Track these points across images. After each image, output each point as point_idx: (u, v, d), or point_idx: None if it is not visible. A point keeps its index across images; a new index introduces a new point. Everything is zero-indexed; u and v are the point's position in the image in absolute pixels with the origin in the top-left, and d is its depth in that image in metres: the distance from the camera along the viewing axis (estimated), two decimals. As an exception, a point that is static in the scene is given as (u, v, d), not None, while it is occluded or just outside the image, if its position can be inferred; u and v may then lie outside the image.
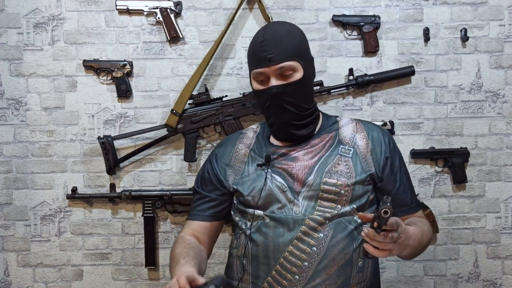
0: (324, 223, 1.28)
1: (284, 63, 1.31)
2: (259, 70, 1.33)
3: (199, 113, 1.84)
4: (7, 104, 1.88)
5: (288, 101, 1.33)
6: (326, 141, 1.38)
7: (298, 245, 1.27)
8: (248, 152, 1.42)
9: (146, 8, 1.86)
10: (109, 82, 1.88)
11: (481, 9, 1.88)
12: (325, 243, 1.27)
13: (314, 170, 1.33)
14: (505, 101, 1.90)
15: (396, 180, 1.38)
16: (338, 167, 1.33)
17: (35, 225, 1.90)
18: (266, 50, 1.31)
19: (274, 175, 1.34)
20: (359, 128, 1.41)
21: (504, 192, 1.92)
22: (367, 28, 1.86)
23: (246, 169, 1.39)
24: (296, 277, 1.27)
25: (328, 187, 1.30)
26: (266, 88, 1.34)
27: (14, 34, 1.87)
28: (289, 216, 1.29)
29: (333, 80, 1.88)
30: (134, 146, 1.88)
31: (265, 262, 1.30)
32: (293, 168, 1.34)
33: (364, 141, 1.38)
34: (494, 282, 1.93)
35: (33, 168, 1.89)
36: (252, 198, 1.33)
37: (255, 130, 1.48)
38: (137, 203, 1.89)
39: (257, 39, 1.35)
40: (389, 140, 1.40)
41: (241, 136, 1.47)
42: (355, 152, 1.36)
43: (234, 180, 1.39)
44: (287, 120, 1.35)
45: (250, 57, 1.39)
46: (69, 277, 1.91)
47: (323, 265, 1.26)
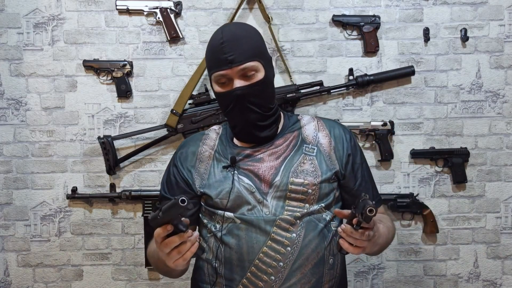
0: (295, 223, 1.28)
1: (246, 64, 1.29)
2: (220, 72, 1.30)
3: (199, 113, 1.84)
4: (7, 104, 1.88)
5: (253, 102, 1.32)
6: (290, 140, 1.38)
7: (273, 245, 1.27)
8: (212, 154, 1.39)
9: (146, 8, 1.86)
10: (109, 82, 1.88)
11: (481, 9, 1.88)
12: (299, 243, 1.27)
13: (280, 171, 1.32)
14: (505, 101, 1.90)
15: (357, 177, 1.39)
16: (304, 166, 1.33)
17: (35, 225, 1.90)
18: (227, 52, 1.28)
19: (241, 176, 1.32)
20: (320, 126, 1.41)
21: (504, 192, 1.92)
22: (367, 28, 1.86)
23: (212, 171, 1.36)
24: (272, 278, 1.26)
25: (296, 186, 1.30)
26: (229, 90, 1.31)
27: (14, 34, 1.87)
28: (259, 217, 1.29)
29: (333, 80, 1.88)
30: (134, 146, 1.88)
31: (239, 265, 1.28)
32: (259, 169, 1.33)
33: (326, 139, 1.38)
34: (494, 282, 1.93)
35: (33, 168, 1.89)
36: (221, 201, 1.31)
37: (217, 131, 1.45)
38: (137, 203, 1.89)
39: (216, 41, 1.32)
40: (350, 137, 1.41)
41: (204, 137, 1.44)
42: (319, 151, 1.36)
43: (201, 183, 1.36)
44: (252, 121, 1.34)
45: (209, 60, 1.35)
46: (69, 277, 1.91)
47: (298, 264, 1.27)
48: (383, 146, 1.85)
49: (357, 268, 1.93)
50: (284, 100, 1.82)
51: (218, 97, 1.37)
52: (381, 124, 1.86)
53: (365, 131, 1.86)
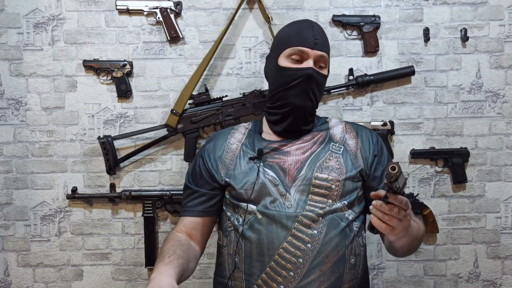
0: (317, 220, 1.29)
1: (325, 53, 1.38)
2: (303, 48, 1.36)
3: (199, 113, 1.84)
4: (7, 104, 1.88)
5: (314, 89, 1.38)
6: (318, 138, 1.41)
7: (293, 241, 1.28)
8: (239, 147, 1.42)
9: (146, 8, 1.86)
10: (109, 82, 1.88)
11: (481, 9, 1.88)
12: (319, 240, 1.28)
13: (306, 165, 1.34)
14: (505, 101, 1.90)
15: (383, 178, 1.39)
16: (329, 163, 1.35)
17: (35, 225, 1.90)
18: (315, 35, 1.36)
19: (266, 169, 1.34)
20: (348, 129, 1.45)
21: (504, 192, 1.92)
22: (367, 28, 1.86)
23: (238, 162, 1.38)
24: (290, 274, 1.27)
25: (319, 181, 1.32)
26: (303, 67, 1.36)
27: (14, 34, 1.87)
28: (282, 212, 1.30)
29: (333, 80, 1.88)
30: (134, 146, 1.88)
31: (259, 260, 1.30)
32: (285, 162, 1.35)
33: (353, 140, 1.41)
34: (494, 282, 1.93)
35: (33, 168, 1.89)
36: (245, 192, 1.33)
37: (247, 127, 1.49)
38: (137, 203, 1.89)
39: (305, 24, 1.40)
40: (377, 140, 1.44)
41: (233, 131, 1.48)
42: (345, 150, 1.39)
43: (226, 173, 1.38)
44: (305, 106, 1.38)
45: (291, 35, 1.39)
46: (69, 277, 1.91)
47: (317, 261, 1.27)
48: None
49: (357, 268, 1.93)
50: (284, 100, 1.82)
51: (284, 72, 1.38)
52: (381, 124, 1.86)
53: (365, 131, 1.86)
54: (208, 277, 1.90)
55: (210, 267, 1.89)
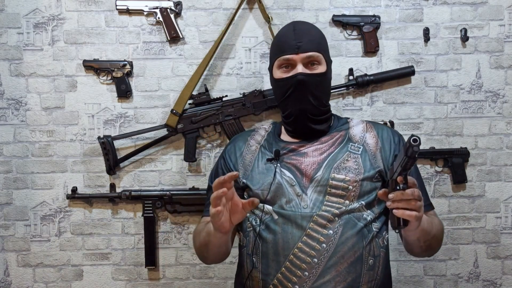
0: (333, 220, 1.29)
1: (312, 53, 1.36)
2: (287, 56, 1.37)
3: (199, 113, 1.84)
4: (7, 104, 1.88)
5: (311, 92, 1.37)
6: (336, 138, 1.41)
7: (308, 241, 1.28)
8: (258, 148, 1.44)
9: (146, 8, 1.86)
10: (109, 82, 1.88)
11: (481, 9, 1.88)
12: (335, 240, 1.27)
13: (323, 166, 1.34)
14: (505, 101, 1.90)
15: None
16: (347, 163, 1.34)
17: (35, 225, 1.90)
18: (297, 38, 1.36)
19: (283, 169, 1.35)
20: (369, 128, 1.44)
21: (504, 192, 1.92)
22: (367, 28, 1.86)
23: (256, 164, 1.40)
24: (305, 274, 1.27)
25: (336, 182, 1.31)
26: (292, 75, 1.36)
27: (14, 34, 1.87)
28: (297, 212, 1.30)
29: (333, 80, 1.85)
30: (134, 146, 1.88)
31: (275, 259, 1.30)
32: (302, 163, 1.35)
33: (374, 139, 1.41)
34: (494, 282, 1.93)
35: (33, 168, 1.89)
36: (262, 192, 1.34)
37: (267, 129, 1.51)
38: (137, 203, 1.89)
39: (287, 30, 1.40)
40: (399, 140, 1.43)
41: (253, 133, 1.51)
42: (364, 150, 1.38)
43: (244, 174, 1.40)
44: (305, 110, 1.38)
45: (276, 46, 1.42)
46: (69, 277, 1.90)
47: (333, 262, 1.27)
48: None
49: (357, 268, 1.93)
50: (284, 100, 1.82)
51: (278, 83, 1.41)
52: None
53: (365, 131, 1.86)
54: (208, 277, 1.91)
55: (210, 268, 1.90)
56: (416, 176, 1.42)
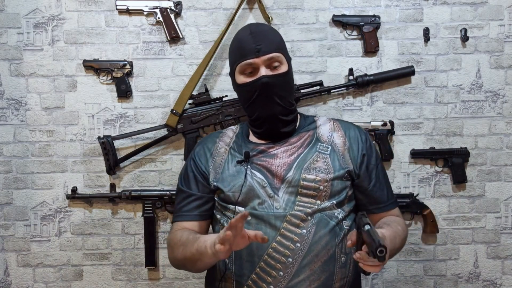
0: (306, 219, 1.29)
1: (273, 54, 1.36)
2: (248, 61, 1.36)
3: (199, 113, 1.84)
4: (7, 104, 1.88)
5: (277, 93, 1.36)
6: (305, 139, 1.40)
7: (282, 241, 1.28)
8: (227, 150, 1.43)
9: (146, 8, 1.86)
10: (109, 82, 1.88)
11: (481, 9, 1.88)
12: (308, 239, 1.28)
13: (293, 167, 1.34)
14: (505, 101, 1.90)
15: (372, 177, 1.40)
16: (317, 164, 1.35)
17: (35, 225, 1.90)
18: (255, 42, 1.35)
19: (254, 171, 1.35)
20: (336, 127, 1.44)
21: (504, 192, 1.92)
22: (367, 28, 1.86)
23: (226, 166, 1.39)
24: (280, 274, 1.27)
25: (307, 183, 1.32)
26: (256, 79, 1.36)
27: (14, 34, 1.87)
28: (270, 213, 1.30)
29: (333, 80, 1.88)
30: (134, 146, 1.88)
31: (249, 260, 1.29)
32: (272, 164, 1.35)
33: (341, 139, 1.41)
34: (494, 282, 1.93)
35: (33, 168, 1.89)
36: (233, 194, 1.34)
37: (235, 130, 1.50)
38: (137, 203, 1.89)
39: (244, 34, 1.39)
40: (366, 138, 1.44)
41: (221, 135, 1.49)
42: (332, 150, 1.38)
43: (215, 177, 1.39)
44: (275, 114, 1.37)
45: (235, 51, 1.41)
46: (69, 277, 1.90)
47: (307, 261, 1.27)
48: (383, 146, 1.85)
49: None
50: (284, 100, 1.82)
51: (242, 88, 1.40)
52: (381, 124, 1.86)
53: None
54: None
55: (210, 267, 1.89)
56: (382, 173, 1.43)
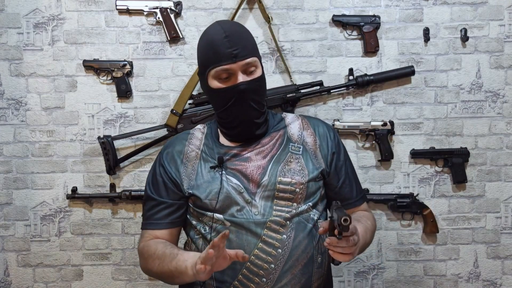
0: (285, 224, 1.28)
1: (250, 59, 1.29)
2: (224, 66, 1.27)
3: (199, 113, 1.84)
4: (7, 104, 1.88)
5: (253, 98, 1.31)
6: (276, 139, 1.37)
7: (264, 248, 1.27)
8: (199, 154, 1.36)
9: (146, 8, 1.86)
10: (109, 82, 1.88)
11: (481, 9, 1.88)
12: (289, 244, 1.27)
13: (268, 170, 1.31)
14: (505, 101, 1.90)
15: (341, 174, 1.39)
16: (291, 165, 1.33)
17: (35, 225, 1.90)
18: (231, 46, 1.26)
19: (229, 176, 1.31)
20: (305, 124, 1.41)
21: (504, 192, 1.92)
22: (367, 28, 1.86)
23: (200, 171, 1.34)
24: (263, 280, 1.26)
25: (284, 186, 1.30)
26: (233, 85, 1.29)
27: (14, 34, 1.87)
28: (250, 219, 1.28)
29: (333, 80, 1.88)
30: (134, 146, 1.88)
31: (231, 267, 1.23)
32: (247, 168, 1.32)
33: (312, 137, 1.39)
34: (494, 282, 1.93)
35: (33, 168, 1.89)
36: (210, 202, 1.30)
37: (202, 130, 1.42)
38: (137, 203, 1.89)
39: (217, 36, 1.28)
40: (334, 135, 1.41)
41: (189, 136, 1.41)
42: (304, 149, 1.36)
43: (189, 184, 1.33)
44: (251, 118, 1.32)
45: (208, 53, 1.30)
46: (69, 277, 1.91)
47: (288, 266, 1.27)
48: (383, 146, 1.85)
49: (357, 268, 1.93)
50: (284, 100, 1.82)
51: (217, 93, 1.32)
52: (381, 124, 1.86)
53: (365, 131, 1.86)
54: (208, 277, 1.90)
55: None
56: (350, 169, 1.42)
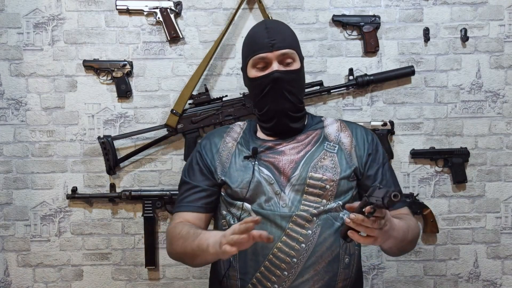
0: (312, 220, 1.29)
1: (287, 50, 1.36)
2: (261, 54, 1.35)
3: (199, 113, 1.84)
4: (7, 104, 1.88)
5: (288, 89, 1.36)
6: (312, 137, 1.41)
7: (287, 241, 1.28)
8: (235, 145, 1.42)
9: (146, 8, 1.86)
10: (109, 82, 1.88)
11: (481, 9, 1.88)
12: (314, 240, 1.28)
13: (300, 165, 1.34)
14: (505, 101, 1.90)
15: (377, 176, 1.40)
16: (324, 162, 1.35)
17: (35, 225, 1.90)
18: (270, 37, 1.35)
19: (261, 167, 1.35)
20: (343, 127, 1.45)
21: (504, 192, 1.92)
22: (367, 28, 1.86)
23: (233, 160, 1.39)
24: (285, 273, 1.28)
25: (314, 181, 1.32)
26: (268, 73, 1.36)
27: (14, 34, 1.87)
28: (276, 212, 1.30)
29: (333, 80, 1.88)
30: (134, 146, 1.88)
31: (254, 259, 1.30)
32: (280, 161, 1.35)
33: (348, 138, 1.41)
34: (494, 282, 1.93)
35: (33, 168, 1.89)
36: (241, 190, 1.34)
37: (242, 126, 1.49)
38: (137, 203, 1.89)
39: (259, 28, 1.40)
40: (372, 138, 1.44)
41: (228, 130, 1.49)
42: (340, 149, 1.39)
43: (222, 171, 1.39)
44: (285, 109, 1.37)
45: (249, 45, 1.40)
46: (69, 277, 1.90)
47: (312, 261, 1.28)
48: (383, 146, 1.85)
49: (357, 268, 1.93)
50: (284, 100, 1.82)
51: (253, 82, 1.39)
52: (381, 124, 1.86)
53: (365, 131, 1.86)
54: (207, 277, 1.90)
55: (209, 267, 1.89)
56: (389, 172, 1.43)
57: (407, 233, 1.29)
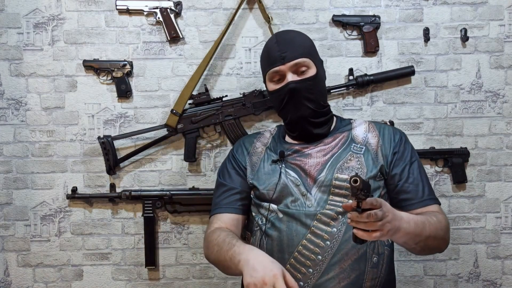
0: (337, 218, 1.31)
1: (298, 60, 1.39)
2: (274, 69, 1.40)
3: (199, 113, 1.84)
4: (7, 104, 1.88)
5: (305, 96, 1.39)
6: (339, 139, 1.43)
7: (312, 239, 1.30)
8: (264, 150, 1.48)
9: (146, 8, 1.86)
10: (109, 82, 1.88)
11: (481, 9, 1.88)
12: (339, 238, 1.30)
13: (326, 167, 1.37)
14: (505, 101, 1.90)
15: (404, 174, 1.39)
16: (350, 163, 1.37)
17: (35, 225, 1.90)
18: (281, 50, 1.39)
19: (288, 170, 1.39)
20: (371, 128, 1.47)
21: (504, 192, 1.92)
22: (367, 28, 1.86)
23: (262, 165, 1.44)
24: (310, 270, 1.29)
25: (340, 182, 1.34)
26: (283, 85, 1.40)
27: (14, 34, 1.87)
28: (301, 211, 1.33)
29: (333, 80, 1.88)
30: (134, 146, 1.88)
31: (279, 256, 1.32)
32: (306, 164, 1.38)
33: (375, 139, 1.43)
34: (494, 282, 1.93)
35: (33, 168, 1.89)
36: (267, 192, 1.38)
37: (272, 132, 1.56)
38: (137, 203, 1.89)
39: (271, 42, 1.44)
40: (400, 137, 1.44)
41: (259, 136, 1.56)
42: (366, 149, 1.40)
43: (251, 174, 1.44)
44: (305, 116, 1.41)
45: (264, 60, 1.46)
46: (69, 277, 1.90)
47: (337, 259, 1.29)
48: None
49: (357, 268, 1.92)
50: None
51: (273, 95, 1.46)
52: (381, 124, 1.86)
53: (365, 131, 1.86)
54: (208, 277, 1.91)
55: (210, 267, 1.89)
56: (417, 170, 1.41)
57: (422, 227, 1.25)
